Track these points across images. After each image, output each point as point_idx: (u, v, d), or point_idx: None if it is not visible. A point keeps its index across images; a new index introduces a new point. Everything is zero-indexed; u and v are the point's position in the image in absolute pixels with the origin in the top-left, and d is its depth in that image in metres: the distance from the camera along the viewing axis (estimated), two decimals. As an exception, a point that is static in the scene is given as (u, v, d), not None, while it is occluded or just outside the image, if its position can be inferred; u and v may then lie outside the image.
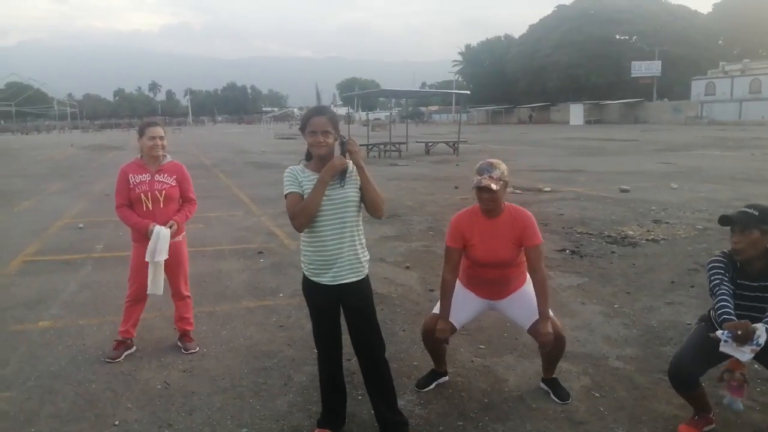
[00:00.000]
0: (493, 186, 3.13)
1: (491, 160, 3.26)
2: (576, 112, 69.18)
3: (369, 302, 3.05)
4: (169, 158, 4.24)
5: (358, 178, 2.92)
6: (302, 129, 2.93)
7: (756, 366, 3.83)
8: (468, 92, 36.87)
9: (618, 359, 4.05)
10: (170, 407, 3.47)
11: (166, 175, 4.15)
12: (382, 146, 24.17)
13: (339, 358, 3.13)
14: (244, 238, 8.27)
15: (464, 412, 3.36)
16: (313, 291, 3.01)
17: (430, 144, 25.62)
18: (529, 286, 3.41)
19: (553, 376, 3.58)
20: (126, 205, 4.10)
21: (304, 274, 3.04)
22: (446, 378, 3.74)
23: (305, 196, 2.86)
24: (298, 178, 2.93)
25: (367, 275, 3.05)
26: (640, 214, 9.49)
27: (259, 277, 6.21)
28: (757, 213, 2.80)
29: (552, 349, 3.36)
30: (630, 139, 32.35)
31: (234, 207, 11.21)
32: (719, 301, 2.77)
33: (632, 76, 70.42)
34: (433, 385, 3.65)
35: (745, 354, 2.56)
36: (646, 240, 7.61)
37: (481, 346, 4.31)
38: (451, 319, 3.42)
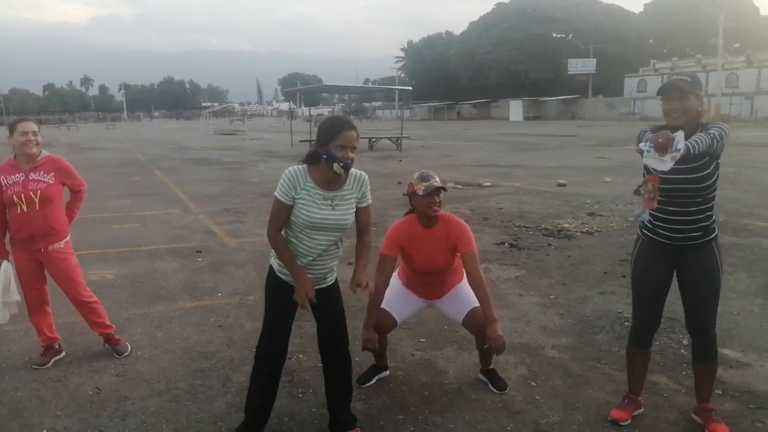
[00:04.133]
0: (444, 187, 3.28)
1: (424, 171, 3.35)
2: (515, 109, 70.76)
3: (338, 302, 3.06)
4: (45, 153, 3.89)
5: (354, 203, 2.89)
6: (325, 139, 2.71)
7: (682, 351, 4.03)
8: (410, 88, 37.05)
9: (553, 348, 4.17)
10: (102, 413, 3.34)
11: (42, 173, 3.80)
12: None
13: (282, 360, 3.01)
14: (181, 237, 8.05)
15: (405, 406, 3.38)
16: (279, 286, 2.94)
17: (373, 140, 25.65)
18: (464, 282, 3.53)
19: (491, 367, 3.65)
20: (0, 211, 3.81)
21: (272, 269, 2.97)
22: (387, 372, 3.75)
23: (297, 207, 2.78)
24: (297, 186, 2.78)
25: (336, 278, 3.07)
26: (575, 207, 9.79)
27: (196, 277, 6.06)
28: (689, 79, 2.87)
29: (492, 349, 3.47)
30: (567, 135, 33.33)
31: (171, 205, 10.89)
32: (645, 135, 2.82)
33: (569, 73, 72.62)
34: (374, 380, 3.66)
35: (666, 163, 2.58)
36: (581, 232, 7.86)
37: (421, 340, 4.34)
38: (393, 313, 3.49)
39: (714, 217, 2.97)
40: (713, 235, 2.97)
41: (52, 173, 3.85)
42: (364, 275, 2.97)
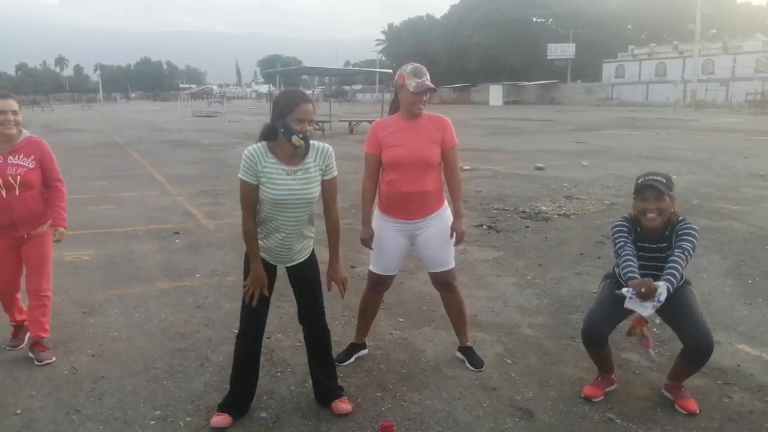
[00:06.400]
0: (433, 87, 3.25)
1: (418, 64, 3.32)
2: (495, 93, 70.86)
3: (315, 275, 3.08)
4: (26, 134, 3.59)
5: (319, 176, 2.89)
6: (282, 113, 2.70)
7: (655, 330, 4.11)
8: (391, 71, 36.80)
9: (529, 327, 4.23)
10: (78, 393, 3.32)
11: (21, 157, 3.50)
12: (304, 125, 23.80)
13: (260, 337, 3.06)
14: (158, 219, 7.97)
15: (382, 383, 3.41)
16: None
17: (353, 123, 25.52)
18: (445, 214, 3.46)
19: (468, 344, 3.70)
20: None
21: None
22: (365, 351, 3.78)
23: (262, 184, 2.80)
24: (258, 165, 2.79)
25: (313, 251, 3.10)
26: (553, 190, 9.89)
27: (174, 258, 6.02)
28: (664, 180, 2.93)
29: (449, 299, 3.60)
30: (545, 119, 33.52)
31: (148, 187, 10.77)
32: (624, 261, 2.91)
33: (548, 58, 72.83)
34: (352, 359, 3.68)
35: (647, 309, 2.71)
36: (558, 215, 7.95)
37: (400, 320, 4.38)
38: (384, 272, 3.54)
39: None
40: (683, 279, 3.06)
41: (33, 157, 3.55)
42: (339, 267, 3.04)
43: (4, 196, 3.47)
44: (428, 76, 3.28)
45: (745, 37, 57.36)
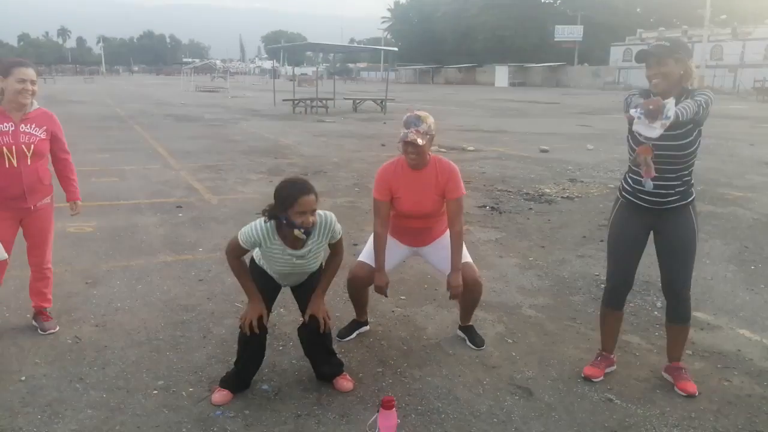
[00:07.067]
0: (419, 141, 3.15)
1: (419, 113, 3.25)
2: (501, 74, 70.39)
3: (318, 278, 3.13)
4: (36, 105, 3.50)
5: (324, 247, 3.01)
6: (283, 207, 2.73)
7: (655, 313, 4.13)
8: (396, 50, 36.66)
9: (531, 308, 4.24)
10: (81, 361, 3.34)
11: (33, 126, 3.44)
12: (308, 102, 23.74)
13: (264, 332, 3.02)
14: (161, 192, 7.97)
15: (384, 359, 3.43)
16: (261, 272, 3.08)
17: (357, 101, 25.38)
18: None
19: (470, 323, 3.71)
20: None
21: (253, 260, 3.14)
22: (367, 327, 3.79)
23: (264, 255, 2.96)
24: (263, 245, 2.88)
25: (321, 264, 3.15)
26: (557, 173, 9.86)
27: (177, 232, 6.03)
28: (669, 44, 2.87)
29: (469, 294, 3.50)
30: (551, 102, 33.32)
31: (151, 160, 10.74)
32: (633, 99, 2.86)
33: (555, 39, 72.09)
34: (354, 335, 3.70)
35: (655, 130, 2.60)
36: (562, 197, 7.93)
37: (401, 297, 4.39)
38: (372, 265, 3.49)
39: (692, 182, 3.01)
40: (690, 198, 3.01)
41: (45, 128, 3.50)
42: (321, 303, 3.02)
43: (15, 165, 3.37)
44: (422, 126, 3.16)
45: (755, 24, 56.67)
